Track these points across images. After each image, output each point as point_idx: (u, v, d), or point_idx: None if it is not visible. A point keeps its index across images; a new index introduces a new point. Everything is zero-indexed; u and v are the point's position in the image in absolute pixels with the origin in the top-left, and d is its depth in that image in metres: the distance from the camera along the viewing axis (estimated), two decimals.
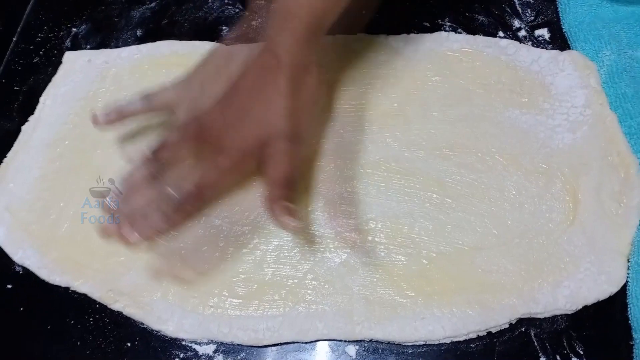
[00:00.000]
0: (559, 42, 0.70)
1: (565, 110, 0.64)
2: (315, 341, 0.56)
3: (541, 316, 0.55)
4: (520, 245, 0.57)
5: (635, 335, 0.53)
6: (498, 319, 0.54)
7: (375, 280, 0.56)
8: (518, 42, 0.70)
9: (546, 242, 0.57)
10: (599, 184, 0.59)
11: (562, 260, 0.56)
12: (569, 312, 0.55)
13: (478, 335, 0.54)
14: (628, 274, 0.55)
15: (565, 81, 0.65)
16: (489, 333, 0.55)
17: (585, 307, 0.55)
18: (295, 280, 0.57)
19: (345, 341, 0.55)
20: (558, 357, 0.53)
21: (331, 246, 0.58)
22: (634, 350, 0.53)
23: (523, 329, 0.55)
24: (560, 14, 0.71)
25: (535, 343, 0.54)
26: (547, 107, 0.64)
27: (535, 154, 0.61)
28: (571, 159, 0.61)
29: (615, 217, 0.57)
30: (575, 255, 0.56)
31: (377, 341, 0.55)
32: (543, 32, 0.71)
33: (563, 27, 0.70)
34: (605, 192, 0.58)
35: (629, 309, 0.54)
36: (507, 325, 0.55)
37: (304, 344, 0.56)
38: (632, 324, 0.54)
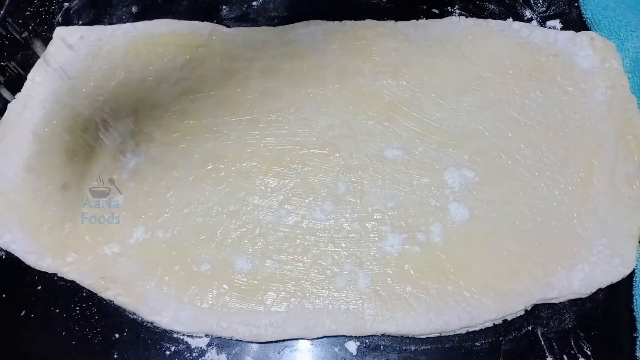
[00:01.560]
0: None
1: (587, 92, 0.63)
2: (322, 337, 0.54)
3: (556, 301, 0.54)
4: (533, 229, 0.56)
5: (639, 327, 0.53)
6: (514, 306, 0.53)
7: (384, 272, 0.55)
8: (531, 25, 0.68)
9: (558, 225, 0.56)
10: (613, 166, 0.58)
11: (574, 244, 0.55)
12: (584, 296, 0.54)
13: (494, 324, 0.54)
14: (637, 264, 0.55)
15: (586, 62, 0.64)
16: (495, 331, 0.53)
17: (594, 306, 0.54)
18: (299, 275, 0.55)
19: (346, 336, 0.54)
20: (565, 357, 0.52)
21: (335, 237, 0.56)
22: (637, 341, 0.53)
23: (530, 328, 0.54)
24: (581, 0, 0.70)
25: (542, 342, 0.53)
26: (569, 89, 0.63)
27: (553, 137, 0.60)
28: (587, 141, 0.60)
29: (627, 200, 0.57)
30: (587, 238, 0.55)
31: (379, 338, 0.54)
32: (555, 23, 0.69)
33: (585, 13, 0.69)
34: (618, 175, 0.58)
35: (634, 300, 0.54)
36: (522, 312, 0.54)
37: (301, 339, 0.54)
38: (636, 316, 0.53)
